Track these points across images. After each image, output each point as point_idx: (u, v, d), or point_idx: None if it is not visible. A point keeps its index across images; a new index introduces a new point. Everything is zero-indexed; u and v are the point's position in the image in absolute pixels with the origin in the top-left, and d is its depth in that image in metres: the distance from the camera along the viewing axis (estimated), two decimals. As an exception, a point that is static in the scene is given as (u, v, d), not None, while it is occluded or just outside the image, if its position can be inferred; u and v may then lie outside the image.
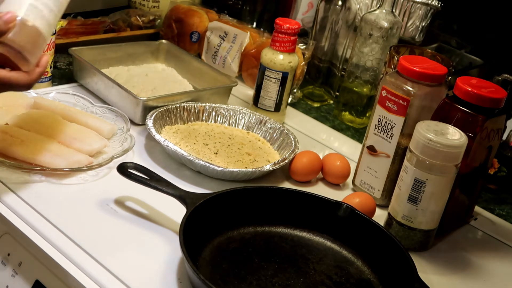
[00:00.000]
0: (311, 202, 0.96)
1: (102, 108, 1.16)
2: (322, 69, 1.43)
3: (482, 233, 1.09)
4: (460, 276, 0.97)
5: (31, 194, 0.93)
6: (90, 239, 0.87)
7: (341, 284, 0.88)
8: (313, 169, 1.11)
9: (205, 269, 0.85)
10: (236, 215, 0.93)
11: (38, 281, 0.87)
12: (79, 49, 1.27)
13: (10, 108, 1.08)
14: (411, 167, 0.94)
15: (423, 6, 1.36)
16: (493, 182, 1.21)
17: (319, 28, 1.39)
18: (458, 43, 1.44)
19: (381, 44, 1.27)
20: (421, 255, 0.98)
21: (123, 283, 0.81)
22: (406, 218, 0.97)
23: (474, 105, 0.96)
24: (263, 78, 1.24)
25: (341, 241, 0.95)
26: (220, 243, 0.91)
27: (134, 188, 0.94)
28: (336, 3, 1.36)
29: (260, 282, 0.85)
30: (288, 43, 1.21)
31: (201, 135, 1.15)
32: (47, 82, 1.23)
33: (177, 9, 1.50)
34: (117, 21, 1.49)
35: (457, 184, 0.97)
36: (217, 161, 1.08)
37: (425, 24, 1.38)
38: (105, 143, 1.05)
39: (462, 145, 0.92)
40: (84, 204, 0.94)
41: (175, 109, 1.17)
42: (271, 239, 0.94)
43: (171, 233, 0.92)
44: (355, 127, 1.36)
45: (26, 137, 0.99)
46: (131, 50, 1.37)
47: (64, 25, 1.40)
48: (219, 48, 1.42)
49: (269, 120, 1.20)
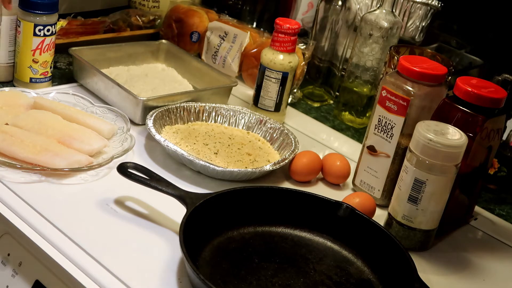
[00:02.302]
0: (311, 202, 0.96)
1: (102, 108, 1.16)
2: (322, 69, 1.43)
3: (482, 233, 1.09)
4: (460, 276, 0.97)
5: (31, 194, 0.93)
6: (90, 239, 0.87)
7: (341, 284, 0.88)
8: (313, 169, 1.11)
9: (205, 269, 0.85)
10: (236, 215, 0.93)
11: (38, 281, 0.87)
12: (79, 49, 1.27)
13: (10, 108, 1.08)
14: (411, 167, 0.94)
15: (423, 6, 1.36)
16: (493, 182, 1.21)
17: (319, 28, 1.39)
18: (458, 43, 1.44)
19: (381, 44, 1.27)
20: (421, 255, 0.98)
21: (123, 283, 0.81)
22: (406, 218, 0.97)
23: (474, 105, 0.96)
24: (263, 78, 1.24)
25: (341, 241, 0.95)
26: (220, 243, 0.91)
27: (134, 188, 0.94)
28: (336, 3, 1.36)
29: (260, 282, 0.85)
30: (288, 43, 1.21)
31: (201, 135, 1.15)
32: (47, 82, 1.23)
33: (177, 9, 1.50)
34: (117, 21, 1.49)
35: (457, 184, 0.97)
36: (217, 161, 1.08)
37: (425, 24, 1.38)
38: (105, 143, 1.05)
39: (462, 145, 0.92)
40: (84, 204, 0.94)
41: (175, 109, 1.17)
42: (271, 239, 0.94)
43: (171, 233, 0.92)
44: (355, 127, 1.36)
45: (26, 137, 0.99)
46: (131, 50, 1.37)
47: (64, 25, 1.40)
48: (219, 48, 1.42)
49: (269, 120, 1.20)
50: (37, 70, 1.20)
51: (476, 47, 1.41)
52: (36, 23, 1.17)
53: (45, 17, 1.17)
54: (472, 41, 1.41)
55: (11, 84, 1.23)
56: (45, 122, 1.04)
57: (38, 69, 1.20)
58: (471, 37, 1.42)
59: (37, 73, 1.21)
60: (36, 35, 1.18)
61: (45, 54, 1.20)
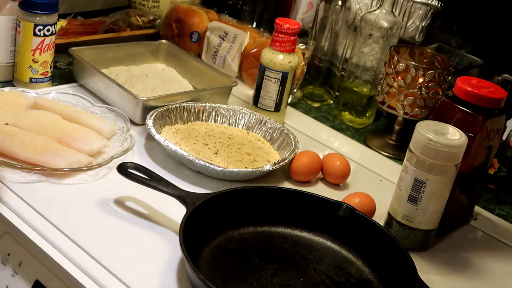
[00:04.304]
0: (311, 202, 0.96)
1: (102, 108, 1.16)
2: (322, 69, 1.43)
3: (482, 233, 1.09)
4: (460, 276, 0.97)
5: (31, 194, 0.93)
6: (90, 239, 0.87)
7: (341, 284, 0.88)
8: (313, 169, 1.11)
9: (205, 269, 0.85)
10: (236, 215, 0.93)
11: (38, 281, 0.87)
12: (79, 49, 1.27)
13: (10, 108, 1.08)
14: (411, 167, 0.94)
15: (423, 6, 1.36)
16: (493, 182, 1.21)
17: (319, 28, 1.39)
18: (458, 43, 1.43)
19: (381, 44, 1.27)
20: (421, 255, 0.98)
21: (123, 283, 0.81)
22: (406, 218, 0.97)
23: (474, 105, 0.96)
24: (263, 78, 1.24)
25: (341, 241, 0.95)
26: (220, 243, 0.91)
27: (134, 188, 0.94)
28: (336, 3, 1.36)
29: (260, 282, 0.85)
30: (288, 43, 1.21)
31: (201, 135, 1.15)
32: (47, 82, 1.23)
33: (177, 9, 1.50)
34: (117, 21, 1.49)
35: (457, 184, 0.97)
36: (217, 161, 1.08)
37: (425, 24, 1.38)
38: (105, 143, 1.05)
39: (462, 145, 0.92)
40: (84, 204, 0.94)
41: (175, 109, 1.17)
42: (271, 239, 0.94)
43: (171, 233, 0.92)
44: (355, 127, 1.36)
45: (26, 137, 0.99)
46: (131, 50, 1.37)
47: (64, 25, 1.40)
48: (219, 48, 1.42)
49: (269, 120, 1.20)
50: (37, 70, 1.20)
51: (476, 47, 1.41)
52: (36, 23, 1.17)
53: (45, 17, 1.17)
54: (472, 41, 1.41)
55: (11, 84, 1.23)
56: (45, 122, 1.04)
57: (38, 69, 1.20)
58: (471, 37, 1.41)
59: (37, 73, 1.21)
60: (36, 35, 1.18)
61: (45, 54, 1.20)
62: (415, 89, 1.19)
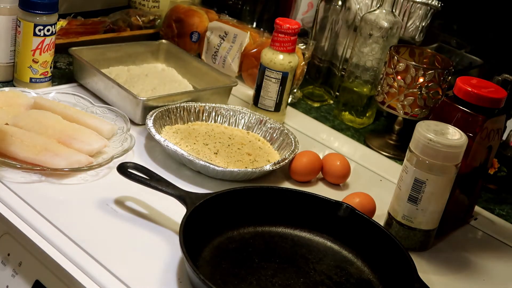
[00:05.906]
0: (311, 202, 0.96)
1: (102, 108, 1.16)
2: (322, 69, 1.43)
3: (482, 233, 1.09)
4: (460, 276, 0.97)
5: (31, 194, 0.93)
6: (90, 239, 0.87)
7: (341, 284, 0.88)
8: (313, 169, 1.11)
9: (205, 269, 0.85)
10: (236, 215, 0.93)
11: (38, 281, 0.87)
12: (79, 49, 1.27)
13: (10, 108, 1.08)
14: (411, 167, 0.94)
15: (423, 6, 1.36)
16: (493, 182, 1.21)
17: (319, 28, 1.39)
18: (458, 43, 1.44)
19: (381, 44, 1.27)
20: (421, 255, 0.98)
21: (123, 283, 0.81)
22: (406, 218, 0.97)
23: (474, 105, 0.97)
24: (263, 78, 1.24)
25: (341, 241, 0.95)
26: (220, 243, 0.91)
27: (134, 188, 0.94)
28: (336, 3, 1.36)
29: (260, 282, 0.85)
30: (288, 43, 1.21)
31: (201, 135, 1.15)
32: (47, 82, 1.23)
33: (177, 9, 1.50)
34: (117, 21, 1.49)
35: (457, 184, 0.97)
36: (217, 161, 1.08)
37: (425, 24, 1.38)
38: (105, 143, 1.05)
39: (462, 145, 0.92)
40: (84, 204, 0.94)
41: (175, 109, 1.17)
42: (271, 239, 0.94)
43: (171, 233, 0.92)
44: (355, 127, 1.36)
45: (26, 137, 0.99)
46: (131, 50, 1.37)
47: (64, 25, 1.40)
48: (219, 48, 1.42)
49: (269, 120, 1.20)
50: (37, 70, 1.20)
51: (476, 47, 1.41)
52: (36, 23, 1.17)
53: (45, 17, 1.17)
54: (472, 41, 1.41)
55: (11, 84, 1.23)
56: (45, 122, 1.04)
57: (38, 69, 1.20)
58: (471, 37, 1.42)
59: (37, 73, 1.21)
60: (36, 35, 1.18)
61: (45, 54, 1.20)
62: (415, 89, 1.19)
